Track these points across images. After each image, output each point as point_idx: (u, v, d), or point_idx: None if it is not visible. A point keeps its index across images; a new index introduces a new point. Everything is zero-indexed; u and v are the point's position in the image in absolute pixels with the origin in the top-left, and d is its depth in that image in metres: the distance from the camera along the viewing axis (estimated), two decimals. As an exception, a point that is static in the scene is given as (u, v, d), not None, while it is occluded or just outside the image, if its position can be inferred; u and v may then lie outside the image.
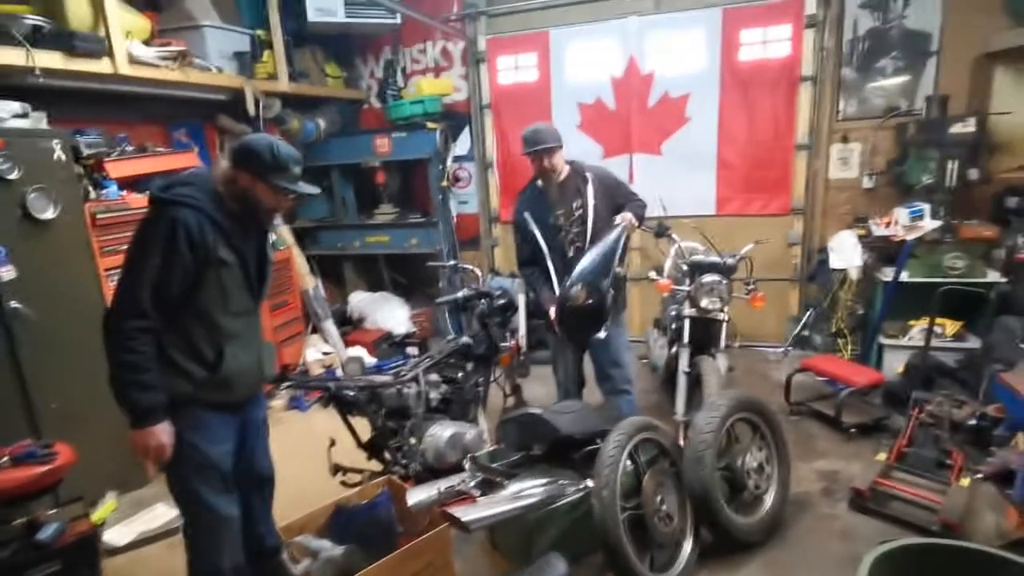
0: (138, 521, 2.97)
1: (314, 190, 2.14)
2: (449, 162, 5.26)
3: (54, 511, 2.67)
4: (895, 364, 3.92)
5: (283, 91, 4.40)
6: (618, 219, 2.91)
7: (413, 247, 5.22)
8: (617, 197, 3.04)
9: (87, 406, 3.03)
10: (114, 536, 2.86)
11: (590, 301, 2.73)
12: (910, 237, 3.81)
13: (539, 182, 3.07)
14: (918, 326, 3.95)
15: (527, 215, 3.03)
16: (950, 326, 3.88)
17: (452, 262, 4.43)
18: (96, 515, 2.91)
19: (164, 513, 3.00)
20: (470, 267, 3.62)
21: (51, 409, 2.86)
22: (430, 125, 4.97)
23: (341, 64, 5.33)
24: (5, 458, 2.42)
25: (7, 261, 2.69)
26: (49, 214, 2.83)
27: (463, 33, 5.21)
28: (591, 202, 2.95)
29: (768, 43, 4.52)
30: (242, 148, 1.88)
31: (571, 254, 2.97)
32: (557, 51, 5.01)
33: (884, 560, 1.62)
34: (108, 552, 2.77)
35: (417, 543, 2.21)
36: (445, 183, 5.21)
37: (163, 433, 1.83)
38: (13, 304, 2.70)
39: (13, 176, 2.68)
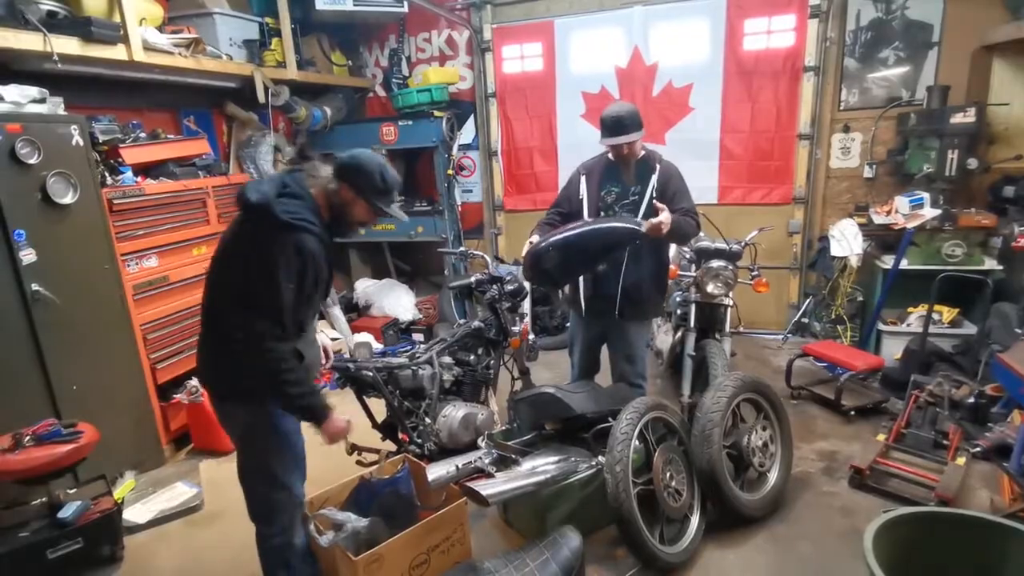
0: (158, 499, 3.03)
1: (404, 216, 2.28)
2: (455, 151, 5.30)
3: (74, 490, 2.75)
4: (893, 350, 4.02)
5: (291, 79, 4.42)
6: (647, 224, 2.58)
7: (419, 235, 5.27)
8: (673, 204, 2.75)
9: (106, 387, 3.10)
10: (134, 514, 2.92)
11: (547, 270, 2.70)
12: (910, 225, 3.89)
13: (611, 155, 2.91)
14: (916, 313, 4.05)
15: (583, 177, 2.96)
16: (947, 313, 3.98)
17: (461, 249, 4.48)
18: (116, 493, 2.98)
19: (184, 491, 3.08)
20: (479, 254, 3.68)
21: (71, 390, 2.91)
22: (436, 113, 5.01)
23: (346, 52, 5.35)
24: (28, 437, 2.48)
25: (27, 245, 2.73)
26: (68, 199, 2.87)
27: (468, 22, 5.23)
28: (648, 194, 2.80)
29: (772, 33, 4.56)
30: (353, 164, 1.94)
31: None
32: (562, 40, 5.04)
33: (888, 529, 1.71)
34: (128, 530, 2.83)
35: (435, 518, 2.28)
36: (451, 172, 5.26)
37: (339, 417, 2.01)
38: (34, 287, 2.75)
39: (33, 161, 2.71)
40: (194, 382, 3.49)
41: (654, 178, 2.83)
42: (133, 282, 3.29)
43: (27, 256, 2.73)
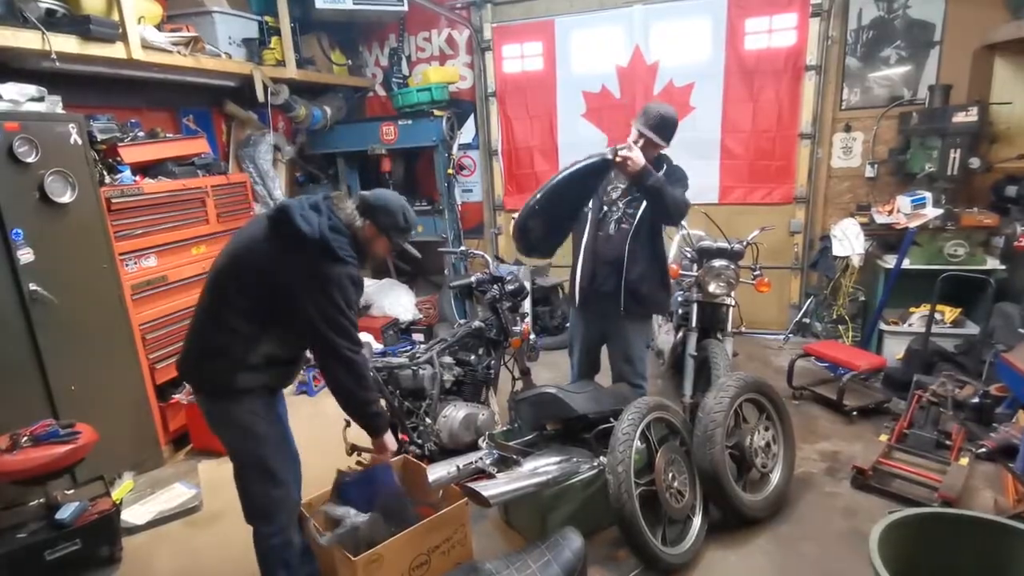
0: (156, 500, 3.02)
1: (418, 254, 2.43)
2: (454, 150, 5.28)
3: (72, 491, 2.73)
4: (895, 350, 4.00)
5: (291, 78, 4.41)
6: (618, 154, 2.56)
7: (419, 235, 5.25)
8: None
9: (104, 387, 3.08)
10: (132, 515, 2.91)
11: (537, 233, 2.79)
12: (912, 225, 3.88)
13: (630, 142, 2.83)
14: (918, 312, 4.03)
15: None
16: (949, 313, 3.97)
17: (461, 248, 4.47)
18: (114, 495, 2.96)
19: (183, 492, 3.06)
20: (480, 254, 3.67)
21: (69, 391, 2.89)
22: (436, 113, 4.99)
23: (346, 51, 5.33)
24: (26, 438, 2.46)
25: (25, 244, 2.72)
26: (66, 198, 2.85)
27: (468, 21, 5.22)
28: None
29: (774, 32, 4.55)
30: (380, 204, 2.04)
31: (611, 231, 2.84)
32: (562, 40, 5.03)
33: (893, 529, 1.69)
34: (127, 531, 2.81)
35: (436, 518, 2.26)
36: (451, 171, 5.24)
37: (391, 437, 2.20)
38: (32, 287, 2.73)
39: (31, 159, 2.69)
40: (193, 382, 3.48)
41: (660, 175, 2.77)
42: (132, 282, 3.27)
43: (25, 255, 2.71)
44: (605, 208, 2.88)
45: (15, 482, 2.40)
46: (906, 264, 3.98)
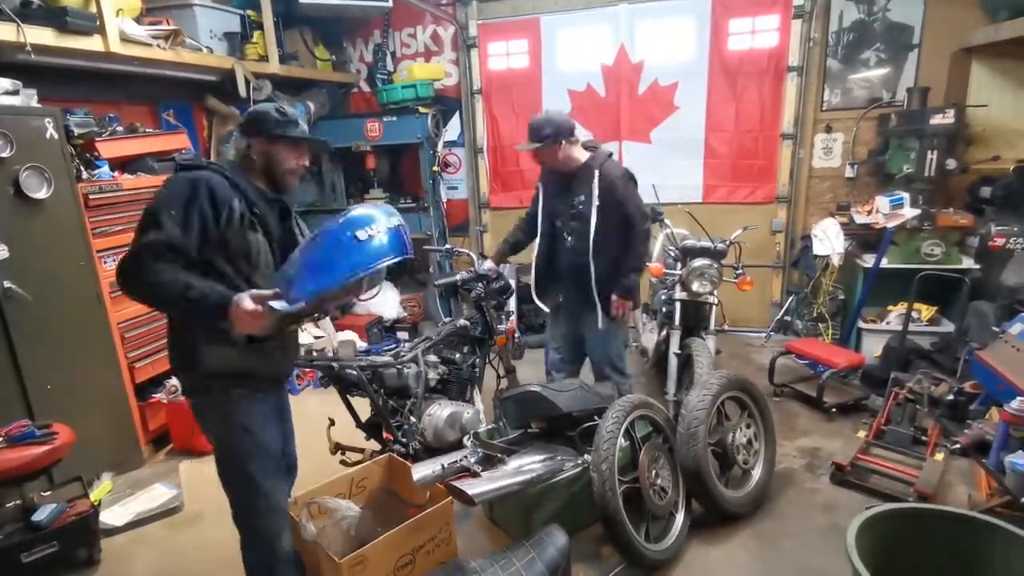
0: (136, 501, 2.97)
1: (325, 140, 2.30)
2: (440, 147, 5.26)
3: (49, 492, 2.68)
4: (873, 347, 4.08)
5: (273, 73, 4.35)
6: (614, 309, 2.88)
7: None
8: (620, 210, 2.81)
9: (82, 387, 3.03)
10: (111, 516, 2.86)
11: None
12: (890, 225, 3.95)
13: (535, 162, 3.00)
14: (896, 311, 4.11)
15: (542, 185, 3.06)
16: (925, 311, 4.05)
17: (447, 246, 4.45)
18: (92, 496, 2.91)
19: (163, 493, 3.02)
20: (465, 251, 3.66)
21: (46, 390, 2.84)
22: (422, 110, 4.97)
23: (330, 47, 5.28)
24: (0, 439, 2.41)
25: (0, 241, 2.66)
26: (42, 194, 2.79)
27: (454, 18, 5.20)
28: (593, 203, 2.80)
29: (756, 33, 4.60)
30: (251, 117, 1.92)
31: (568, 243, 2.95)
32: (548, 38, 5.03)
33: (870, 524, 1.72)
34: (106, 532, 2.77)
35: (421, 517, 2.25)
36: (436, 168, 5.22)
37: (244, 299, 1.62)
38: (6, 284, 2.67)
39: (6, 154, 2.63)
40: (173, 381, 3.43)
41: (595, 184, 2.81)
42: (110, 279, 3.20)
43: (-1, 252, 2.65)
44: (558, 220, 3.00)
45: (-10, 484, 2.35)
46: (884, 263, 4.05)
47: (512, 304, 3.58)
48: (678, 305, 3.28)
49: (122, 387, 3.26)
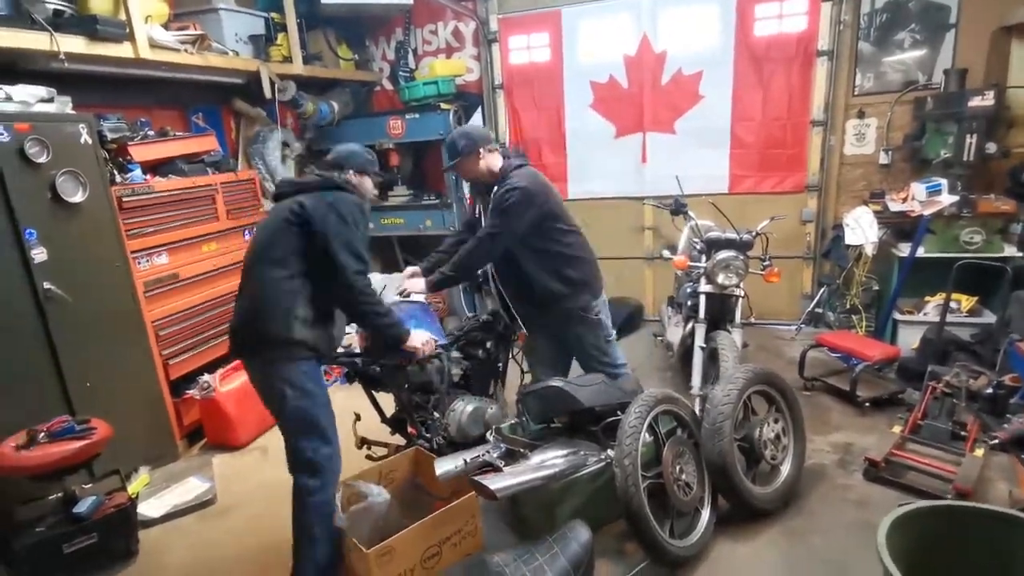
0: (171, 494, 3.07)
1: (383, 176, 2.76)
2: (462, 143, 5.26)
3: (89, 485, 2.78)
4: (910, 340, 3.95)
5: (297, 74, 4.41)
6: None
7: (428, 228, 5.26)
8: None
9: (120, 383, 3.13)
10: (148, 509, 2.96)
11: None
12: (927, 212, 3.81)
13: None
14: (933, 301, 3.97)
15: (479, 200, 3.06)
16: (965, 301, 3.90)
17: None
18: (131, 489, 3.01)
19: (197, 485, 3.11)
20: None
21: (85, 387, 2.94)
22: (443, 106, 4.98)
23: (353, 46, 5.33)
24: (42, 434, 2.51)
25: (38, 244, 2.76)
26: (78, 197, 2.89)
27: (474, 13, 5.19)
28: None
29: (784, 17, 4.47)
30: (349, 153, 2.45)
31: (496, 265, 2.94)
32: (569, 30, 4.98)
33: (903, 522, 1.67)
34: (143, 524, 2.87)
35: (447, 510, 2.28)
36: (458, 164, 5.22)
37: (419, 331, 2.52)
38: (47, 285, 2.77)
39: (42, 160, 2.73)
40: (206, 377, 3.52)
41: (490, 205, 2.76)
42: (144, 279, 3.31)
43: (38, 255, 2.75)
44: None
45: (33, 477, 2.45)
46: (921, 252, 3.91)
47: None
48: (703, 298, 3.23)
49: (157, 384, 3.36)
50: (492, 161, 2.81)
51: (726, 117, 4.75)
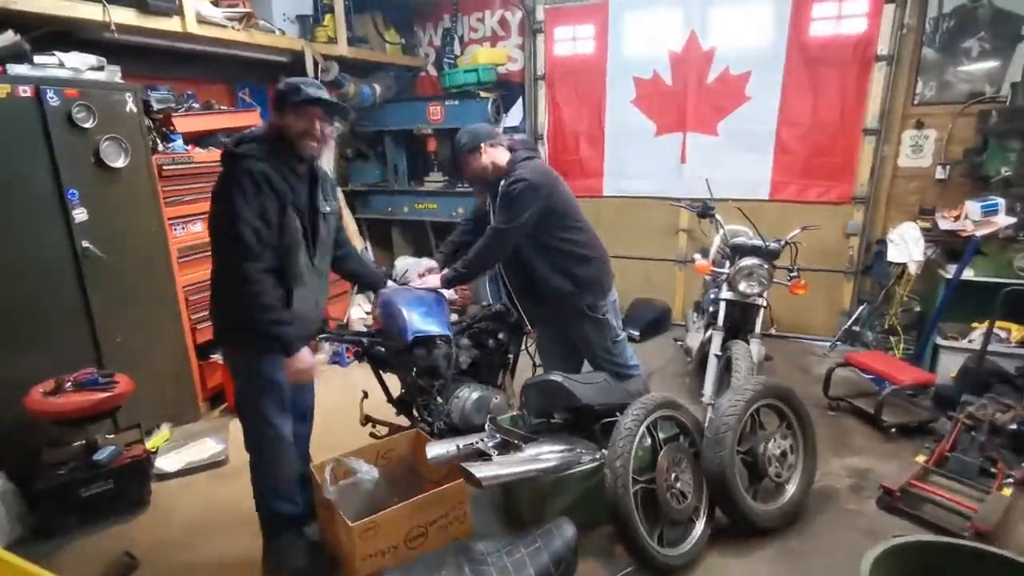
0: (187, 451, 3.21)
1: (325, 93, 2.20)
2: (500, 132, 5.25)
3: (111, 436, 2.94)
4: (951, 367, 3.72)
5: (341, 55, 4.50)
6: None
7: (460, 216, 5.28)
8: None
9: (148, 343, 3.29)
10: (165, 463, 3.11)
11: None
12: (979, 233, 3.58)
13: None
14: (980, 328, 3.73)
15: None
16: (1016, 330, 3.65)
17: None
18: (151, 443, 3.18)
19: (212, 446, 3.24)
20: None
21: (115, 343, 3.10)
22: (483, 94, 4.98)
23: (400, 31, 5.39)
24: (69, 383, 2.67)
25: (79, 204, 2.92)
26: (120, 163, 3.04)
27: (521, 2, 5.15)
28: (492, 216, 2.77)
29: (843, 18, 4.25)
30: (277, 91, 2.11)
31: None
32: (616, 23, 4.89)
33: (895, 555, 1.59)
34: (158, 477, 3.02)
35: (436, 492, 2.30)
36: (494, 153, 5.22)
37: (307, 354, 2.20)
38: (85, 244, 2.93)
39: (88, 125, 2.88)
40: (230, 344, 3.66)
41: (498, 200, 2.72)
42: (178, 245, 3.46)
43: (79, 214, 2.91)
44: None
45: (56, 423, 2.60)
46: (970, 275, 3.67)
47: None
48: (723, 305, 3.13)
49: (184, 346, 3.51)
50: (497, 156, 2.78)
51: (772, 120, 4.57)
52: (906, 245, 3.87)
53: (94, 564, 2.40)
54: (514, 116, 5.42)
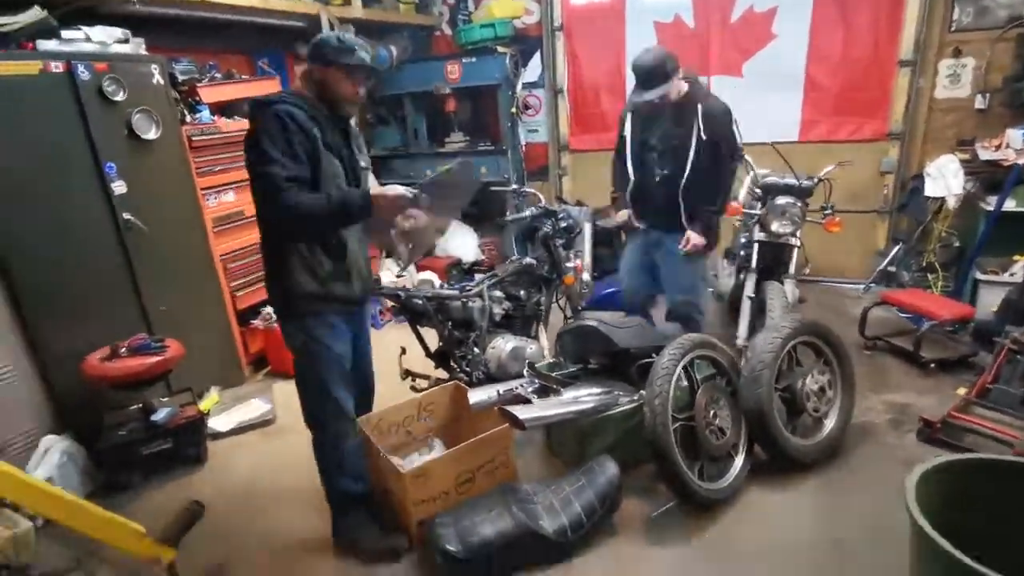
0: (237, 412, 3.35)
1: (378, 67, 2.15)
2: (519, 89, 5.19)
3: (166, 399, 3.08)
4: (991, 301, 3.64)
5: (356, 17, 4.45)
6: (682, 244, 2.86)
7: (482, 176, 5.26)
8: (717, 151, 2.77)
9: (191, 310, 3.39)
10: (217, 423, 3.25)
11: None
12: (1022, 161, 3.45)
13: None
14: (1022, 261, 3.63)
15: (629, 115, 2.97)
16: (1060, 261, 3.54)
17: (513, 186, 4.46)
18: (203, 404, 3.31)
19: (259, 407, 3.37)
20: (531, 191, 3.66)
21: (161, 311, 3.22)
22: (500, 49, 4.90)
23: (414, -12, 5.29)
24: (124, 349, 2.79)
25: (118, 177, 2.99)
26: (152, 134, 3.09)
27: (536, -50, 5.01)
28: (693, 140, 2.75)
29: (874, -57, 4.06)
30: (313, 45, 2.00)
31: (657, 178, 2.89)
32: (634, -35, 4.73)
33: (938, 474, 1.60)
34: (211, 436, 3.16)
35: (481, 439, 2.36)
36: (514, 110, 5.17)
37: (388, 188, 2.02)
38: (126, 216, 3.02)
39: (119, 98, 2.93)
40: (268, 310, 3.76)
41: (698, 122, 2.71)
42: (212, 215, 3.53)
43: (118, 187, 2.99)
44: (651, 153, 2.88)
45: (115, 387, 2.73)
46: (1011, 206, 3.56)
47: (586, 246, 3.55)
48: (756, 246, 3.10)
49: (226, 313, 3.62)
50: (680, 84, 2.78)
51: (801, 58, 4.42)
52: (944, 179, 3.76)
53: (164, 513, 2.55)
54: (533, 71, 5.33)
